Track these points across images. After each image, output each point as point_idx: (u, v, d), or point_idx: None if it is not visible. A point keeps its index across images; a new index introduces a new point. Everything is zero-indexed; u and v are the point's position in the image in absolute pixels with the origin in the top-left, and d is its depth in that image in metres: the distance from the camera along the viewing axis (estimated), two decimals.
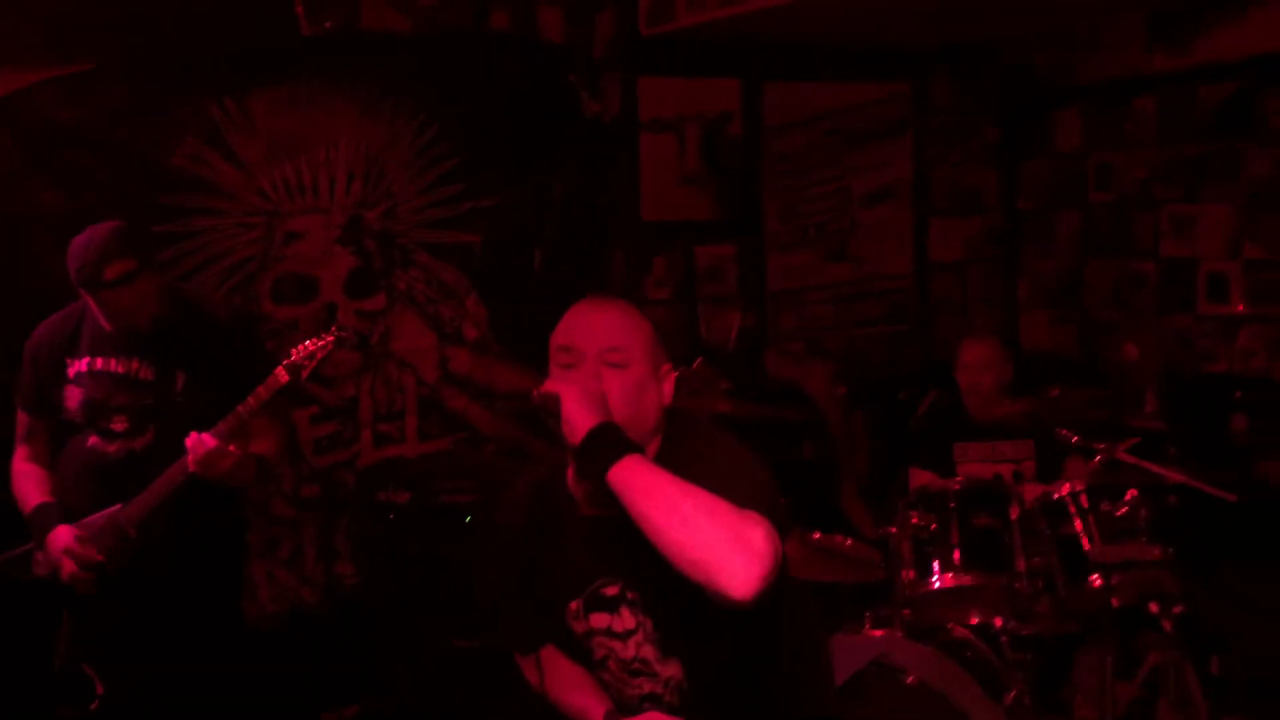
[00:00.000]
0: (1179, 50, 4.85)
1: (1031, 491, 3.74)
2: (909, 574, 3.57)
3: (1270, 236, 4.78)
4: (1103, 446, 3.61)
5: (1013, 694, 3.41)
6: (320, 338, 2.99)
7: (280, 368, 2.95)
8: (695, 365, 4.21)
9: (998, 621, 3.58)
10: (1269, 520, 4.00)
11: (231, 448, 2.92)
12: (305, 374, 2.97)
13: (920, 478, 4.16)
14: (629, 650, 2.18)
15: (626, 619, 2.17)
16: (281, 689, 3.61)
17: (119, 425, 3.08)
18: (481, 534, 4.26)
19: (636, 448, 1.94)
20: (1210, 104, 4.98)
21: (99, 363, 3.11)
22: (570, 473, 2.19)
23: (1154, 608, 3.53)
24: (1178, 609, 3.49)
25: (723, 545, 1.80)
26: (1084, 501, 3.58)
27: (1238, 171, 4.87)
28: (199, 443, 2.88)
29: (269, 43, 4.54)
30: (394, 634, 4.32)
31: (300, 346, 2.98)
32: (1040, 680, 3.64)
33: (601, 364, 2.06)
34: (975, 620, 3.62)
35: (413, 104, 4.81)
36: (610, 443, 1.92)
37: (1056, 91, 5.64)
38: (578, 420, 1.94)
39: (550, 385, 2.01)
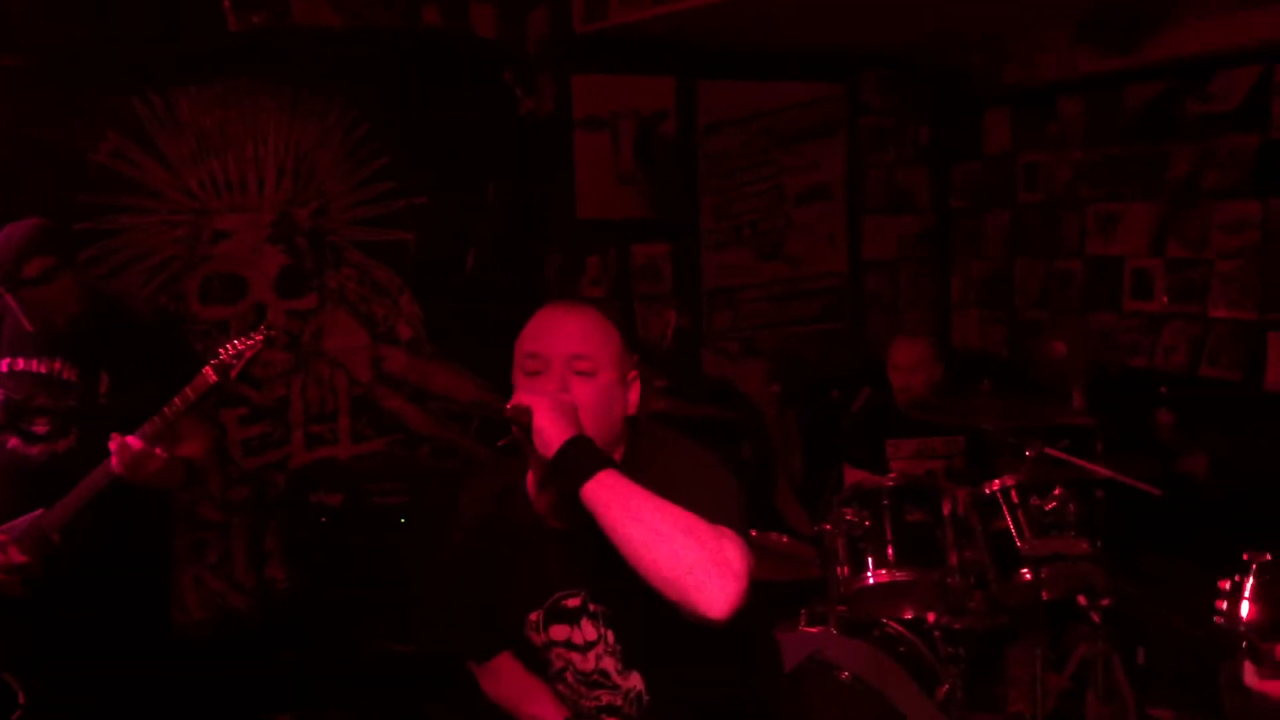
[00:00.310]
0: (1103, 53, 4.93)
1: (963, 488, 3.79)
2: (843, 570, 3.60)
3: (1191, 234, 4.88)
4: (1032, 443, 3.66)
5: (945, 688, 3.45)
6: (249, 337, 2.94)
7: (208, 368, 2.90)
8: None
9: (930, 616, 3.63)
10: (1192, 513, 4.09)
11: (158, 450, 2.86)
12: (234, 374, 2.92)
13: (854, 475, 4.20)
14: (589, 662, 2.17)
15: (588, 631, 2.15)
16: (211, 697, 3.55)
17: (40, 427, 3.01)
18: (426, 538, 4.22)
19: (610, 462, 1.90)
20: (1134, 105, 5.07)
21: (19, 363, 3.04)
22: (530, 482, 2.16)
23: (1082, 600, 3.59)
24: (1105, 602, 3.56)
25: (700, 564, 1.78)
26: (1014, 497, 3.64)
27: (1160, 171, 4.97)
28: (124, 445, 2.82)
29: (196, 38, 4.46)
30: (328, 639, 4.26)
31: (228, 346, 2.93)
32: (972, 674, 3.70)
33: (569, 372, 2.04)
34: (909, 615, 3.67)
35: (344, 101, 4.75)
36: (585, 457, 1.89)
37: (986, 93, 5.72)
38: (550, 434, 1.91)
39: (521, 397, 1.98)
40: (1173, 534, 4.07)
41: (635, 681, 2.14)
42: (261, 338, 2.95)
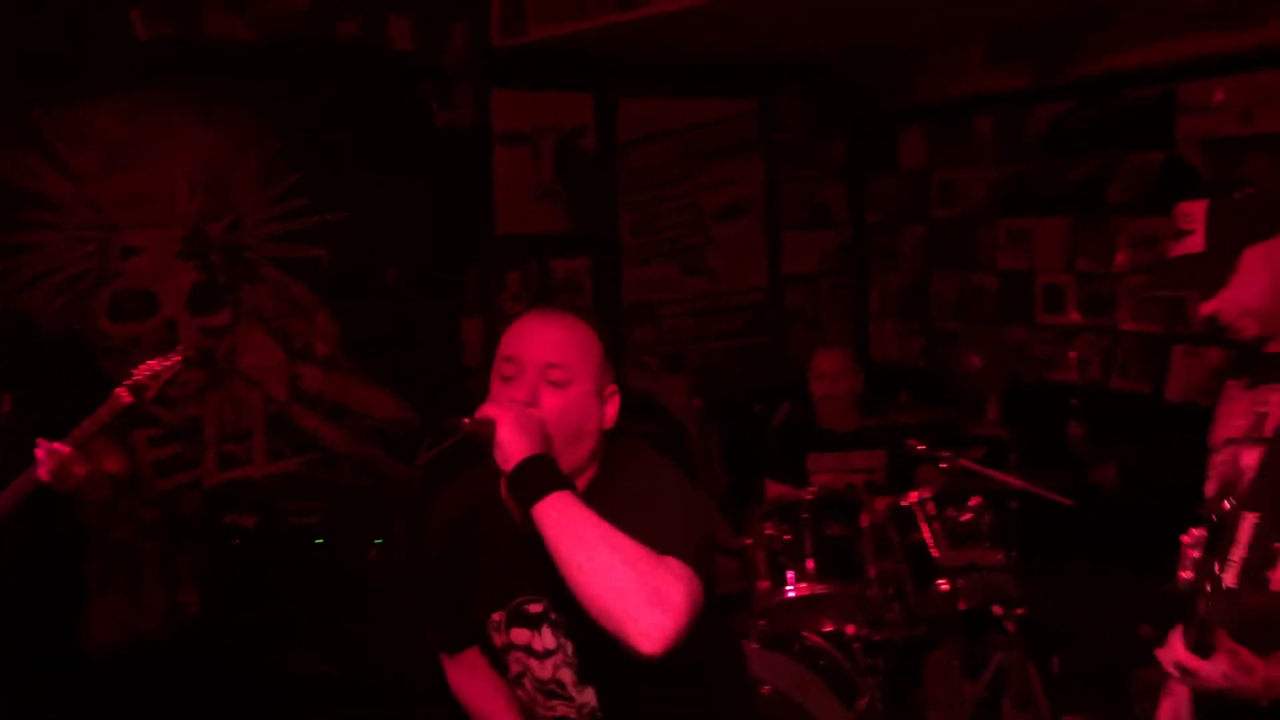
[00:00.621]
0: (1015, 71, 5.04)
1: (881, 500, 3.83)
2: (764, 584, 3.62)
3: (1098, 249, 5.00)
4: (948, 455, 3.71)
5: (865, 700, 3.47)
6: (166, 357, 2.88)
7: (121, 388, 2.82)
8: None
9: (850, 629, 3.66)
10: (1102, 522, 4.17)
11: (76, 468, 2.78)
12: (150, 395, 2.85)
13: (775, 489, 4.22)
14: (546, 670, 2.13)
15: (547, 638, 2.12)
16: None
17: None
18: (400, 533, 4.16)
19: (566, 484, 1.86)
20: (1045, 123, 5.19)
21: None
22: (504, 485, 2.14)
23: (998, 610, 3.64)
24: (1019, 611, 3.62)
25: (634, 598, 1.75)
26: (931, 509, 3.69)
27: (1070, 188, 5.08)
28: (51, 451, 2.73)
29: (102, 49, 4.35)
30: (243, 663, 4.17)
31: (144, 366, 2.86)
32: (891, 684, 3.73)
33: (542, 380, 1.99)
34: (829, 628, 3.69)
35: (258, 114, 4.68)
36: (540, 476, 1.85)
37: (901, 110, 5.81)
38: (511, 449, 1.87)
39: (487, 409, 1.93)
40: (1084, 543, 4.15)
41: (590, 697, 2.11)
42: (180, 359, 2.88)
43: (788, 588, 3.59)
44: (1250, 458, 2.14)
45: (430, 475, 2.07)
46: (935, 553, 3.60)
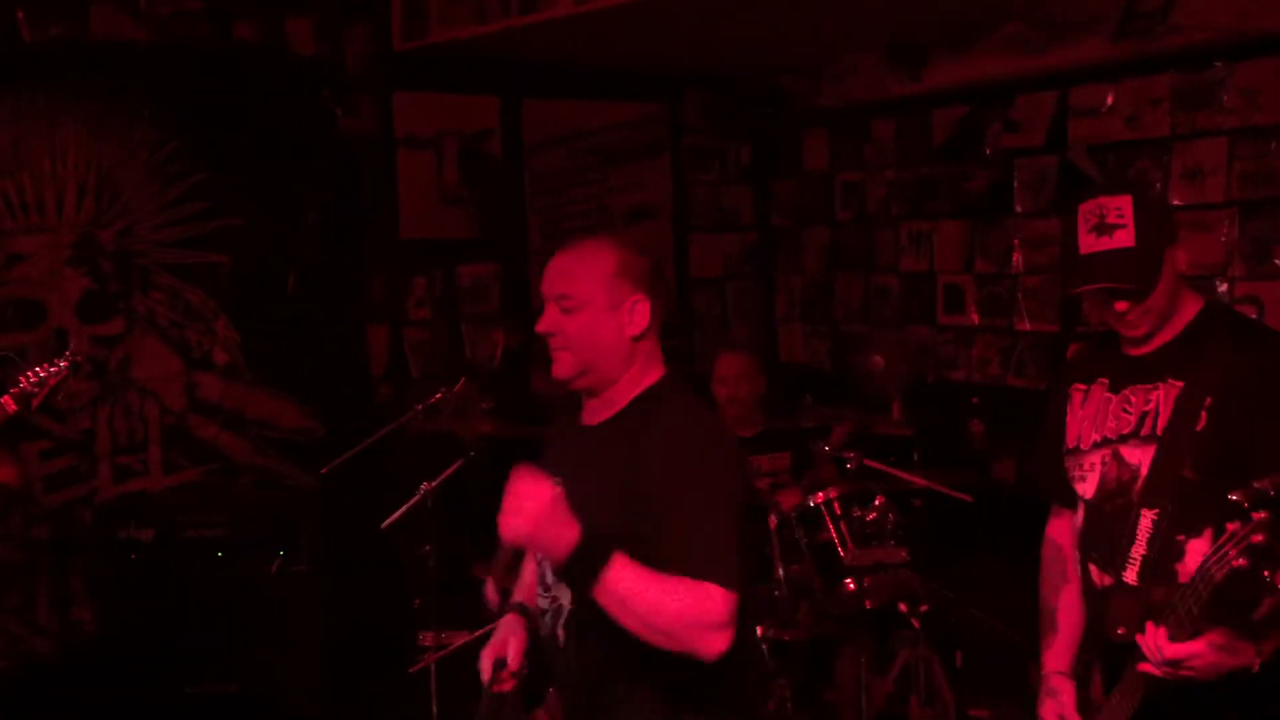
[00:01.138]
0: (913, 77, 5.12)
1: (788, 501, 3.86)
2: None
3: (995, 251, 5.11)
4: (852, 455, 3.75)
5: (774, 702, 3.49)
6: (52, 364, 2.79)
7: (6, 396, 2.74)
8: (458, 386, 4.14)
9: (759, 630, 3.67)
10: (1003, 517, 4.26)
11: None
12: (36, 403, 2.77)
13: None
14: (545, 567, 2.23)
15: None
16: None
17: None
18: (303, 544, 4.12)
19: (605, 556, 1.91)
20: (942, 128, 5.29)
21: None
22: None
23: (903, 607, 3.69)
24: (924, 607, 3.67)
25: (687, 637, 1.91)
26: (837, 509, 3.72)
27: (967, 191, 5.19)
28: None
29: None
30: (140, 681, 4.05)
31: (29, 374, 2.77)
32: (801, 684, 3.76)
33: (558, 310, 2.13)
34: None
35: (149, 117, 4.56)
36: (583, 564, 1.92)
37: (803, 114, 5.87)
38: (553, 549, 1.93)
39: (506, 538, 1.95)
40: (985, 538, 4.23)
41: (565, 597, 2.17)
42: (66, 364, 2.80)
43: None
44: (1138, 455, 2.15)
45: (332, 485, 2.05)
46: (841, 552, 3.63)
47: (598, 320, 2.12)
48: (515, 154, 5.52)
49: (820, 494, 3.77)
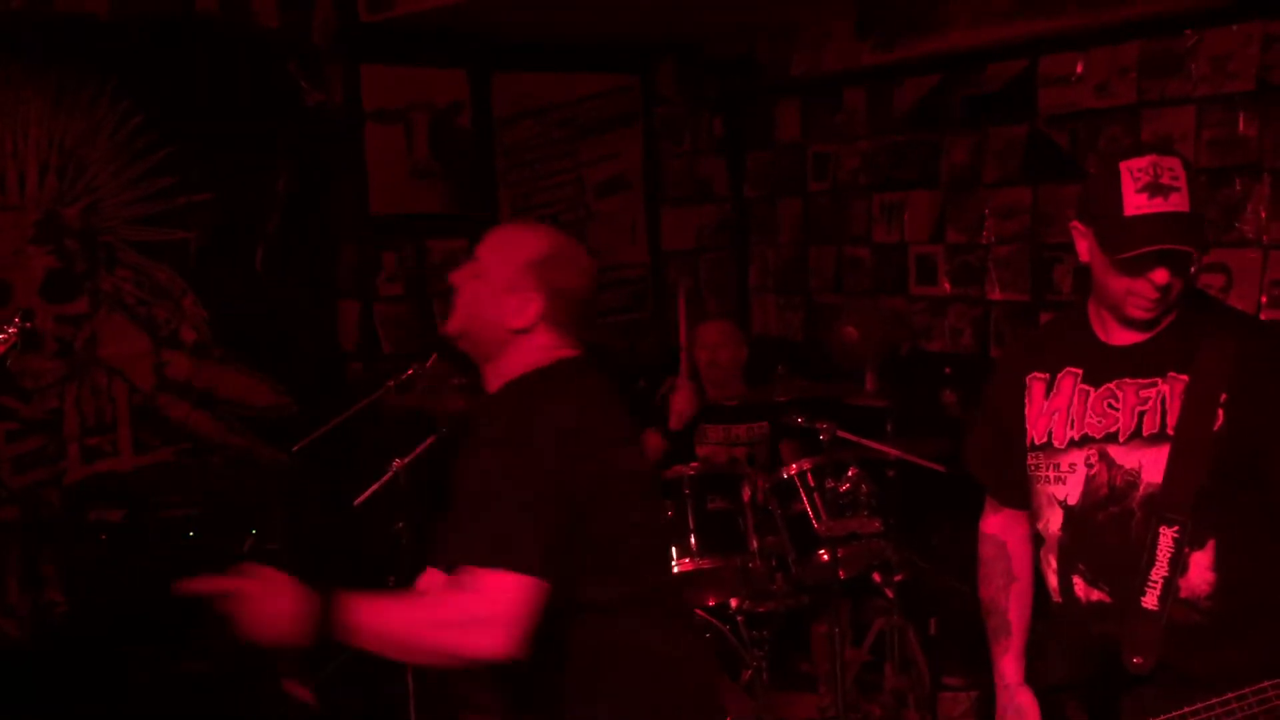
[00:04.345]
0: (885, 46, 5.10)
1: (763, 475, 3.86)
2: None
3: (966, 221, 5.11)
4: (825, 425, 3.76)
5: (749, 672, 3.51)
6: (1, 330, 2.74)
7: None
8: (430, 362, 4.12)
9: (734, 602, 3.69)
10: (976, 487, 4.28)
11: None
12: None
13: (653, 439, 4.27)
14: None
15: None
16: None
17: None
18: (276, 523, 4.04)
19: (336, 614, 1.82)
20: (912, 97, 5.27)
21: None
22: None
23: (877, 577, 3.72)
24: (898, 577, 3.69)
25: (455, 646, 1.80)
26: (810, 480, 3.74)
27: (938, 160, 5.18)
28: None
29: None
30: (111, 664, 4.03)
31: None
32: (777, 654, 3.78)
33: (468, 270, 2.18)
34: (713, 602, 3.72)
35: (114, 92, 4.49)
36: (318, 631, 1.82)
37: (776, 84, 5.84)
38: (290, 635, 1.84)
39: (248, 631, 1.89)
40: (958, 508, 4.24)
41: None
42: (15, 330, 2.75)
43: (671, 563, 3.59)
44: (1135, 458, 1.99)
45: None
46: (816, 523, 3.65)
47: (489, 297, 2.12)
48: (486, 127, 5.47)
49: (794, 465, 3.78)
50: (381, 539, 3.97)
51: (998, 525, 2.33)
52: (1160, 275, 1.91)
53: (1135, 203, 1.90)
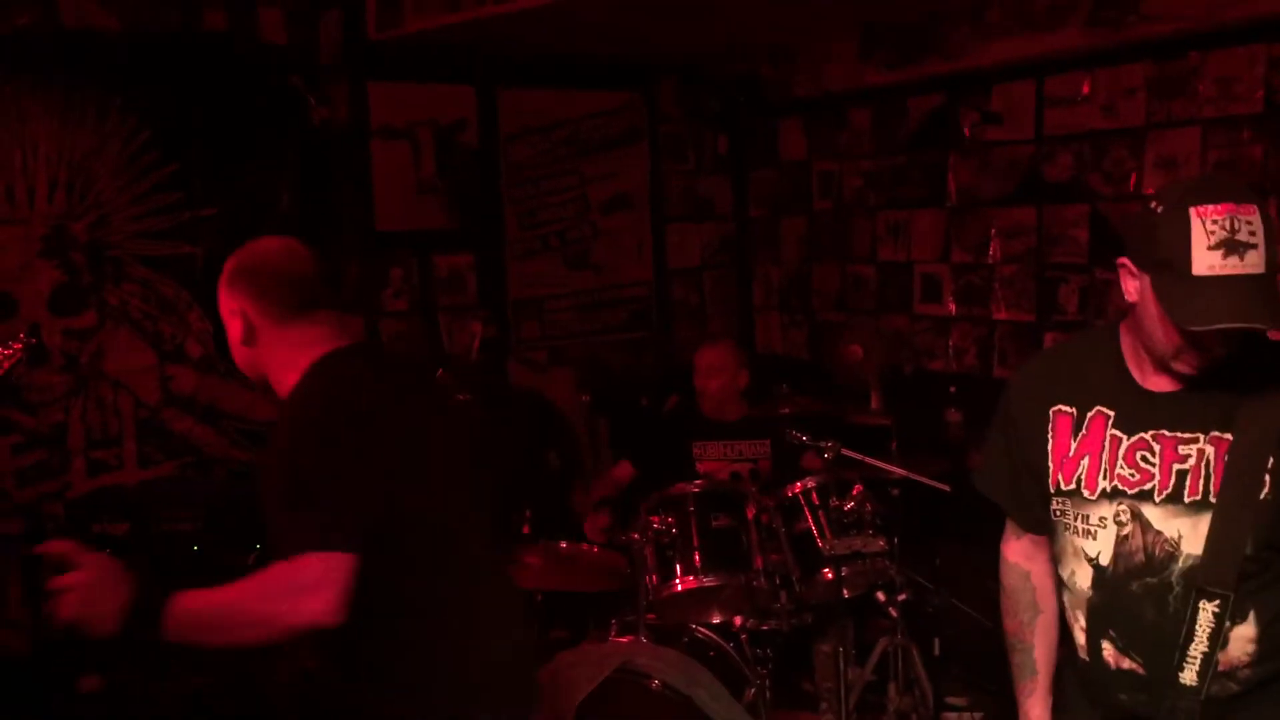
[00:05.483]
0: (889, 66, 5.12)
1: (767, 493, 3.85)
2: (652, 578, 3.61)
3: (971, 241, 5.11)
4: (829, 444, 3.75)
5: (752, 690, 3.49)
6: (6, 345, 2.75)
7: None
8: (436, 377, 4.13)
9: (738, 620, 3.67)
10: (981, 506, 4.27)
11: None
12: None
13: (625, 470, 4.38)
14: None
15: None
16: None
17: None
18: None
19: (157, 605, 1.93)
20: (917, 117, 5.29)
21: None
22: None
23: (881, 596, 3.70)
24: (902, 596, 3.68)
25: (269, 610, 1.90)
26: (815, 498, 3.72)
27: (942, 179, 5.19)
28: None
29: None
30: (112, 676, 4.02)
31: None
32: (780, 673, 3.76)
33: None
34: (717, 620, 3.71)
35: (121, 107, 4.51)
36: (140, 620, 1.94)
37: (779, 103, 5.86)
38: (108, 621, 1.95)
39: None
40: (961, 527, 4.24)
41: None
42: (20, 345, 2.76)
43: (675, 581, 3.58)
44: (1175, 525, 1.84)
45: None
46: (820, 542, 3.63)
47: (228, 324, 2.22)
48: (491, 144, 5.49)
49: (798, 484, 3.77)
50: None
51: (1021, 552, 2.17)
52: (1222, 349, 1.75)
53: (1206, 261, 1.67)
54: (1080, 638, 2.01)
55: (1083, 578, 1.97)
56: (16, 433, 4.38)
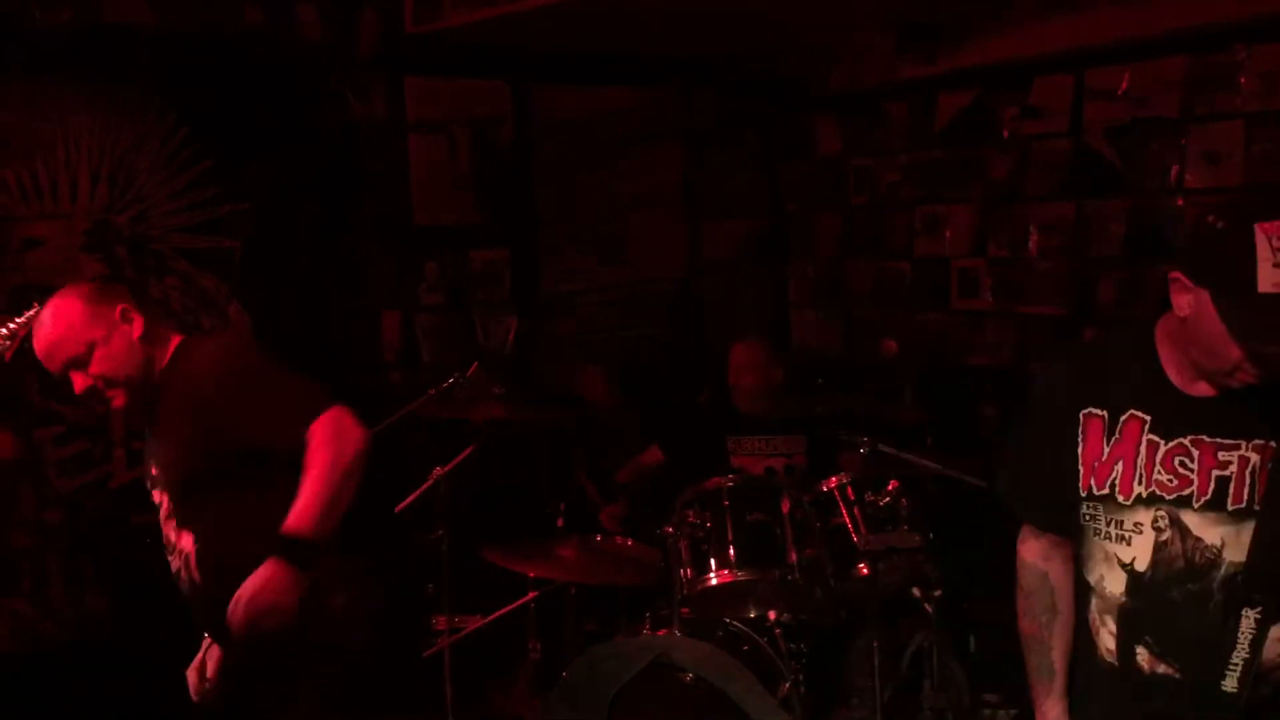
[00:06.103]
0: (925, 60, 5.09)
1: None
2: (686, 572, 3.61)
3: (1009, 235, 5.08)
4: (865, 440, 3.74)
5: (787, 685, 3.49)
6: (20, 315, 2.80)
7: None
8: (471, 371, 4.15)
9: (772, 614, 3.67)
10: None
11: None
12: (8, 356, 2.80)
13: (653, 456, 4.46)
14: (167, 531, 2.57)
15: (160, 498, 2.54)
16: None
17: None
18: None
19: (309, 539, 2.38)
20: (953, 110, 5.25)
21: None
22: None
23: (916, 592, 3.68)
24: (938, 592, 3.66)
25: (347, 457, 2.45)
26: (850, 493, 3.72)
27: (979, 174, 5.16)
28: None
29: None
30: (153, 666, 4.06)
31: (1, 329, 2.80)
32: (814, 668, 3.75)
33: (72, 376, 2.50)
34: (751, 614, 3.71)
35: (161, 102, 4.55)
36: (298, 563, 2.36)
37: (814, 98, 5.84)
38: (273, 598, 2.34)
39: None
40: (998, 523, 4.21)
41: (188, 542, 2.48)
42: (33, 313, 2.80)
43: (710, 575, 3.59)
44: (1216, 532, 1.84)
45: None
46: (855, 537, 3.63)
47: (102, 356, 2.46)
48: (526, 139, 5.50)
49: (834, 479, 3.77)
50: (422, 546, 3.99)
51: (1038, 552, 2.17)
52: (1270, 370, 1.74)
53: (1272, 278, 1.66)
54: (1109, 642, 2.00)
55: (1114, 583, 1.96)
56: (58, 423, 4.43)
